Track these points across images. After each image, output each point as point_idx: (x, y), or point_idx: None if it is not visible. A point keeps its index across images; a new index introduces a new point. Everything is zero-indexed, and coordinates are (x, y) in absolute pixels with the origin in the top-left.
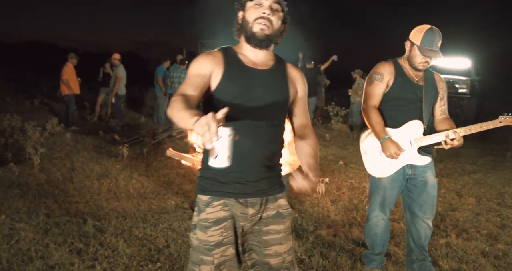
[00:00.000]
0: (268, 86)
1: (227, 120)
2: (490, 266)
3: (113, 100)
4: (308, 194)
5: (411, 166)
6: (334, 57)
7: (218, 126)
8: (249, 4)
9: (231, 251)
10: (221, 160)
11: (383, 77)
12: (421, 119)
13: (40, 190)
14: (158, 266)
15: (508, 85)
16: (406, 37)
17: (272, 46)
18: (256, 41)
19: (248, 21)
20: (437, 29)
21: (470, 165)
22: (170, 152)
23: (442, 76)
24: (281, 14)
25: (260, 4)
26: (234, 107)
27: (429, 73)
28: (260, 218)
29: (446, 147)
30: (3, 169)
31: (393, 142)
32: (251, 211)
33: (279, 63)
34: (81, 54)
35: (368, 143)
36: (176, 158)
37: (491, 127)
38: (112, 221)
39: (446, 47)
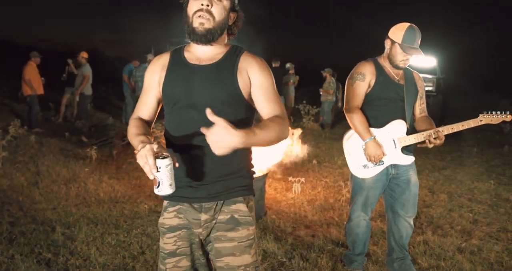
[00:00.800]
0: (210, 83)
1: (174, 125)
2: (467, 262)
3: (77, 99)
4: (284, 196)
5: (394, 165)
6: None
7: (158, 157)
8: None
9: (185, 263)
10: (163, 188)
11: (365, 77)
12: (403, 118)
13: (3, 196)
14: None
15: (470, 83)
16: (369, 36)
17: (223, 38)
18: (196, 37)
19: (188, 15)
20: (416, 27)
21: (440, 162)
22: None
23: None
24: (226, 2)
25: None
26: (179, 110)
27: (408, 72)
28: (215, 223)
29: (430, 146)
30: None
31: (378, 144)
32: (204, 216)
33: (231, 55)
34: (44, 53)
35: (352, 144)
36: None
37: (472, 125)
38: (83, 228)
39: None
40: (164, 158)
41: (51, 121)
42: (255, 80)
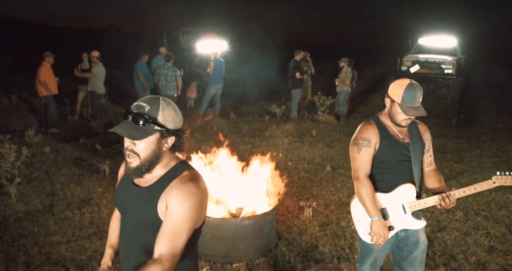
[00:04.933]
0: (138, 205)
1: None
2: None
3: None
4: (296, 218)
5: (404, 230)
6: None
7: None
8: None
9: None
10: None
11: (370, 143)
12: (412, 180)
13: (19, 227)
14: None
15: (493, 63)
16: (393, 17)
17: (163, 162)
18: (130, 174)
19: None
20: (417, 84)
21: (457, 164)
22: None
23: (428, 56)
24: (151, 137)
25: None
26: (121, 221)
27: (413, 126)
28: None
29: (439, 208)
30: None
31: (384, 224)
32: None
33: (165, 180)
34: (59, 30)
35: (359, 210)
36: None
37: (485, 188)
38: (95, 270)
39: (433, 26)
40: None
41: (67, 120)
42: (168, 209)
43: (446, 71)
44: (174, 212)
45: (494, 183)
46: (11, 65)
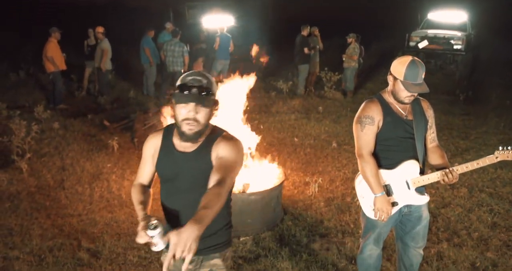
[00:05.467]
0: (193, 168)
1: (164, 195)
2: None
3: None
4: (302, 193)
5: (408, 205)
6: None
7: (148, 228)
8: (176, 105)
9: None
10: (159, 247)
11: (374, 120)
12: (415, 157)
13: (32, 201)
14: None
15: (504, 39)
16: None
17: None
18: (186, 138)
19: (177, 119)
20: (419, 60)
21: (463, 141)
22: None
23: (437, 31)
24: (207, 108)
25: (185, 106)
26: (169, 187)
27: (416, 103)
28: None
29: (443, 183)
30: None
31: (387, 201)
32: (189, 266)
33: (209, 140)
34: (64, 5)
35: (364, 187)
36: None
37: (488, 163)
38: (106, 243)
39: (443, 0)
40: (155, 227)
41: (75, 96)
42: (220, 155)
43: (455, 47)
44: (226, 155)
45: (496, 157)
46: (17, 41)
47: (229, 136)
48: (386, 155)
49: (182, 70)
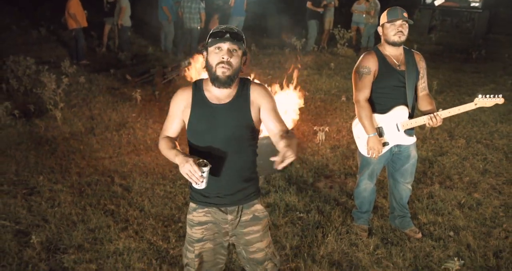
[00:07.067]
0: (231, 119)
1: (200, 150)
2: (463, 218)
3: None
4: (310, 141)
5: (397, 145)
6: None
7: (200, 165)
8: (210, 48)
9: (209, 245)
10: (202, 185)
11: (370, 70)
12: (405, 103)
13: (67, 145)
14: (179, 226)
15: None
16: None
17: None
18: (219, 83)
19: (211, 65)
20: (398, 7)
21: (469, 97)
22: None
23: None
24: (240, 52)
25: (219, 48)
26: (204, 140)
27: (409, 55)
28: (239, 221)
29: (428, 126)
30: (30, 124)
31: (379, 140)
32: (230, 216)
33: (242, 90)
34: None
35: (360, 129)
36: None
37: (468, 109)
38: (136, 179)
39: None
40: (205, 165)
41: (96, 52)
42: (264, 105)
43: (472, 4)
44: (269, 102)
45: (475, 104)
46: None
47: (259, 84)
48: (380, 101)
49: (199, 27)
